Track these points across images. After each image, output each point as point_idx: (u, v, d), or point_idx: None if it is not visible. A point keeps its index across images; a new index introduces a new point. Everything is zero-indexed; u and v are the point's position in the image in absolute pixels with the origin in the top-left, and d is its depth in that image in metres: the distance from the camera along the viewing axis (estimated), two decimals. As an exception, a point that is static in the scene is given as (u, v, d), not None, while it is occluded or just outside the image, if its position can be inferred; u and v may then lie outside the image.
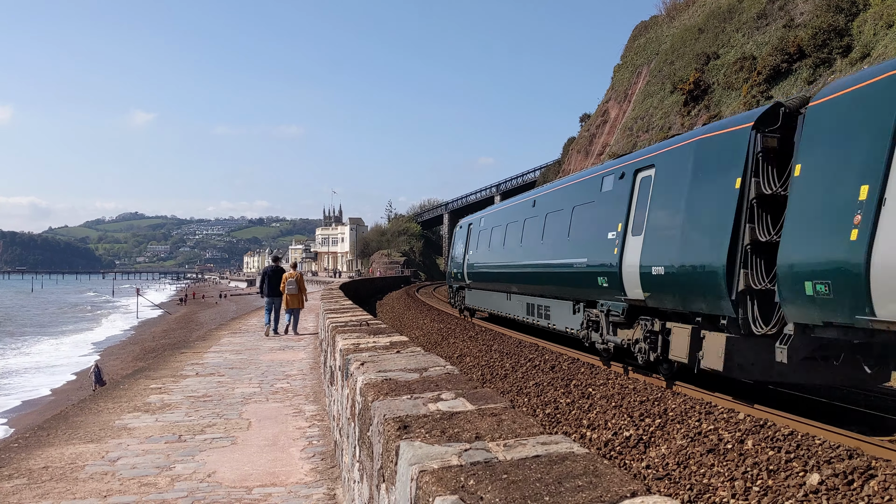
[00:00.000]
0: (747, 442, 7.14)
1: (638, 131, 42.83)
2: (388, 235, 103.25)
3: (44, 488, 5.10)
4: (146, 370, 11.62)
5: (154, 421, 7.32)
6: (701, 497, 6.15)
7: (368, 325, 7.10)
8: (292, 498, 4.89)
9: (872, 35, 26.07)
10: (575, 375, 11.87)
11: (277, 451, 6.12)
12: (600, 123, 53.28)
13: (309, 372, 10.82)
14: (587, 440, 8.39)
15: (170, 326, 42.08)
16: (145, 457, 5.90)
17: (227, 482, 5.21)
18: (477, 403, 2.73)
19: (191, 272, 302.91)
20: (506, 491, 1.70)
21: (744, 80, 33.32)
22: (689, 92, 37.33)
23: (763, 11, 36.49)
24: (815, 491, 5.74)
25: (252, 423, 7.21)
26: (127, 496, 4.89)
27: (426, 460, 1.97)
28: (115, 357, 28.11)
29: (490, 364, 14.32)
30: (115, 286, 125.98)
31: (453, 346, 17.89)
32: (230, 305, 60.44)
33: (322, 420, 7.41)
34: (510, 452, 2.03)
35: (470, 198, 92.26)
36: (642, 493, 1.66)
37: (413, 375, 3.48)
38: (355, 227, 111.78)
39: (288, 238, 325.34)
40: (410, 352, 4.49)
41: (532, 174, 75.83)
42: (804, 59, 29.14)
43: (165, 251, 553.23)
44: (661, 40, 49.29)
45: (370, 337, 5.62)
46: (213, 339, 16.65)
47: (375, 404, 2.81)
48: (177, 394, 8.91)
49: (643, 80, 48.40)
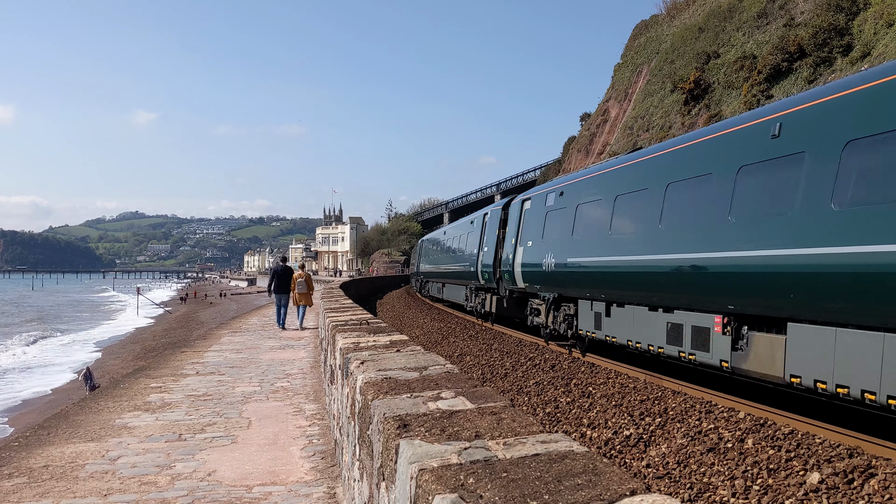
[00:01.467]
0: (747, 441, 7.14)
1: (638, 130, 42.81)
2: (388, 234, 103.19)
3: (44, 487, 5.10)
4: (146, 369, 11.63)
5: (154, 420, 7.32)
6: (701, 496, 6.15)
7: (368, 323, 7.10)
8: (292, 497, 4.89)
9: (873, 34, 26.06)
10: (575, 374, 11.86)
11: (278, 450, 6.12)
12: (601, 122, 53.25)
13: (309, 371, 10.82)
14: (587, 439, 8.39)
15: (170, 325, 42.08)
16: (145, 455, 5.90)
17: (228, 481, 5.21)
18: (477, 402, 2.73)
19: (191, 271, 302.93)
20: (505, 489, 1.70)
21: (744, 79, 33.30)
22: (689, 91, 37.30)
23: (763, 10, 36.47)
24: (815, 490, 5.74)
25: (252, 422, 7.22)
26: (127, 495, 4.89)
27: (426, 459, 1.96)
28: (116, 356, 28.11)
29: (490, 363, 14.32)
30: (128, 285, 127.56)
31: (453, 345, 17.89)
32: (230, 304, 60.44)
33: (322, 419, 7.41)
34: (510, 451, 2.03)
35: (470, 197, 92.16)
36: (642, 491, 1.65)
37: (413, 374, 3.48)
38: (355, 226, 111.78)
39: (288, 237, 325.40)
40: (410, 350, 4.49)
41: (532, 173, 75.73)
42: (805, 58, 29.12)
43: (166, 250, 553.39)
44: (662, 39, 49.26)
45: (370, 336, 5.62)
46: (214, 338, 16.65)
47: (375, 403, 2.81)
48: (177, 393, 8.91)
49: (643, 80, 48.38)
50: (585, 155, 51.94)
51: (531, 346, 15.69)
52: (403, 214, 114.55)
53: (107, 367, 24.27)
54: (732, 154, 8.80)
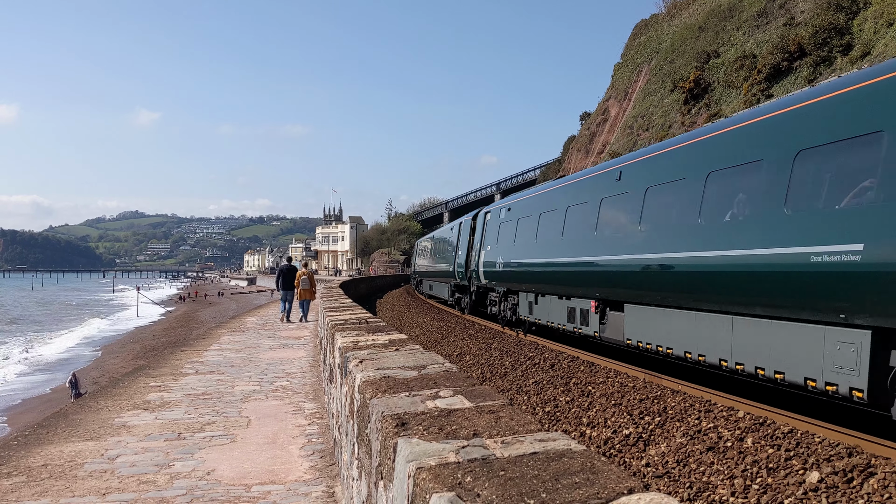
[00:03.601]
0: (747, 440, 7.13)
1: (638, 130, 42.80)
2: (388, 234, 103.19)
3: (43, 486, 5.09)
4: (146, 368, 11.62)
5: (153, 419, 7.32)
6: (700, 495, 6.15)
7: (368, 323, 7.09)
8: (291, 495, 4.89)
9: (873, 33, 26.05)
10: (574, 374, 11.86)
11: (277, 449, 6.12)
12: (601, 122, 53.21)
13: (308, 370, 10.82)
14: (587, 438, 8.39)
15: (170, 325, 42.09)
16: (144, 454, 5.90)
17: (227, 480, 5.21)
18: (475, 401, 2.73)
19: (191, 271, 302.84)
20: (503, 488, 1.69)
21: (744, 78, 33.29)
22: (689, 90, 37.28)
23: (763, 10, 36.45)
24: (814, 489, 5.74)
25: (251, 421, 7.21)
26: (126, 494, 4.89)
27: (423, 457, 1.96)
28: (115, 355, 28.11)
29: (490, 362, 14.32)
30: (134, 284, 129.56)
31: (453, 344, 17.89)
32: (230, 304, 60.45)
33: (321, 418, 7.41)
34: (508, 449, 2.03)
35: (470, 196, 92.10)
36: (639, 490, 1.65)
37: (411, 373, 3.47)
38: (355, 225, 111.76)
39: (288, 236, 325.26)
40: (409, 349, 4.49)
41: (532, 173, 75.67)
42: (805, 57, 29.11)
43: (166, 250, 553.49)
44: (662, 39, 49.23)
45: (369, 335, 5.61)
46: (214, 337, 16.65)
47: (374, 401, 2.80)
48: (176, 392, 8.91)
49: (643, 79, 48.35)
50: (585, 154, 51.90)
51: (531, 345, 15.69)
52: (403, 214, 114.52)
53: (106, 366, 24.28)
54: (598, 190, 12.91)
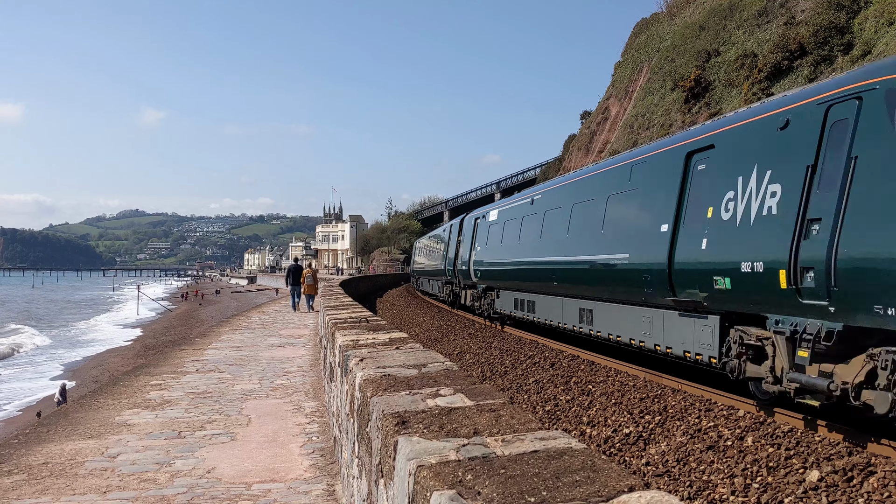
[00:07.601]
0: (747, 439, 7.14)
1: (639, 129, 42.78)
2: (388, 233, 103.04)
3: (43, 484, 5.10)
4: (146, 367, 11.63)
5: (154, 417, 7.32)
6: (700, 494, 6.16)
7: (368, 321, 7.09)
8: (292, 494, 4.89)
9: (873, 32, 26.02)
10: (575, 373, 11.86)
11: (277, 448, 6.12)
12: (601, 121, 53.16)
13: (309, 368, 10.83)
14: (587, 437, 8.39)
15: (171, 323, 42.09)
16: (145, 453, 5.90)
17: (227, 478, 5.21)
18: (475, 399, 2.73)
19: (191, 269, 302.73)
20: (503, 486, 1.70)
21: (745, 77, 33.25)
22: (689, 89, 37.23)
23: (764, 9, 36.40)
24: (814, 488, 5.74)
25: (252, 420, 7.22)
26: (126, 492, 4.89)
27: (424, 455, 1.96)
28: (116, 354, 28.12)
29: (490, 361, 14.33)
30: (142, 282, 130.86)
31: (453, 343, 17.90)
32: (231, 302, 60.45)
33: (322, 416, 7.41)
34: (508, 448, 2.03)
35: (470, 195, 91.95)
36: (640, 488, 1.65)
37: (412, 371, 3.48)
38: (355, 224, 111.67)
39: (288, 235, 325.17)
40: (409, 348, 4.49)
41: (532, 171, 75.62)
42: (805, 56, 29.06)
43: (166, 248, 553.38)
44: (662, 37, 49.17)
45: (369, 333, 5.61)
46: (214, 335, 16.65)
47: (374, 400, 2.80)
48: (177, 390, 8.91)
49: (644, 78, 48.32)
50: (586, 153, 51.88)
51: (531, 343, 15.69)
52: (403, 212, 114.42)
53: (107, 365, 24.30)
54: (522, 211, 17.28)
